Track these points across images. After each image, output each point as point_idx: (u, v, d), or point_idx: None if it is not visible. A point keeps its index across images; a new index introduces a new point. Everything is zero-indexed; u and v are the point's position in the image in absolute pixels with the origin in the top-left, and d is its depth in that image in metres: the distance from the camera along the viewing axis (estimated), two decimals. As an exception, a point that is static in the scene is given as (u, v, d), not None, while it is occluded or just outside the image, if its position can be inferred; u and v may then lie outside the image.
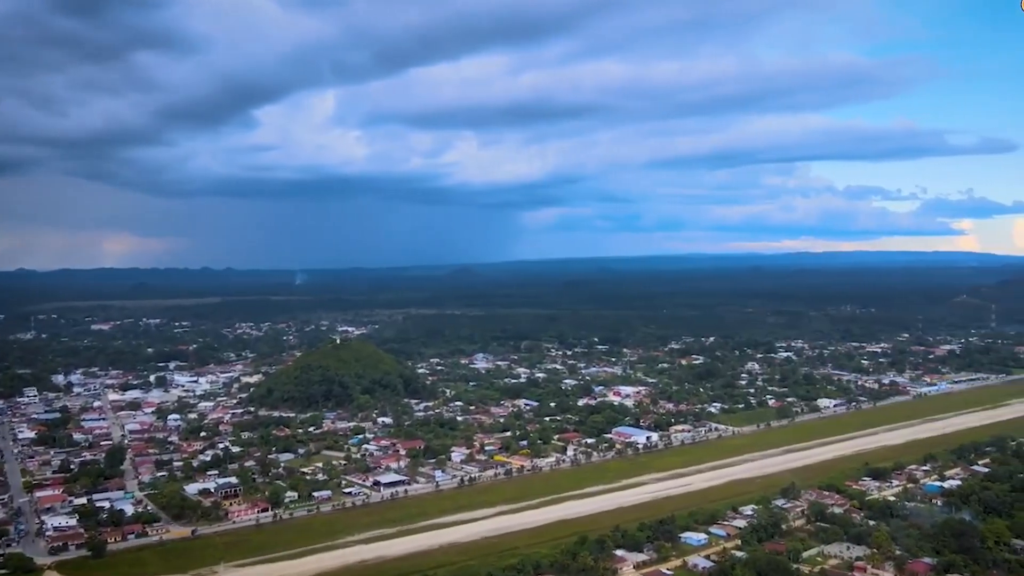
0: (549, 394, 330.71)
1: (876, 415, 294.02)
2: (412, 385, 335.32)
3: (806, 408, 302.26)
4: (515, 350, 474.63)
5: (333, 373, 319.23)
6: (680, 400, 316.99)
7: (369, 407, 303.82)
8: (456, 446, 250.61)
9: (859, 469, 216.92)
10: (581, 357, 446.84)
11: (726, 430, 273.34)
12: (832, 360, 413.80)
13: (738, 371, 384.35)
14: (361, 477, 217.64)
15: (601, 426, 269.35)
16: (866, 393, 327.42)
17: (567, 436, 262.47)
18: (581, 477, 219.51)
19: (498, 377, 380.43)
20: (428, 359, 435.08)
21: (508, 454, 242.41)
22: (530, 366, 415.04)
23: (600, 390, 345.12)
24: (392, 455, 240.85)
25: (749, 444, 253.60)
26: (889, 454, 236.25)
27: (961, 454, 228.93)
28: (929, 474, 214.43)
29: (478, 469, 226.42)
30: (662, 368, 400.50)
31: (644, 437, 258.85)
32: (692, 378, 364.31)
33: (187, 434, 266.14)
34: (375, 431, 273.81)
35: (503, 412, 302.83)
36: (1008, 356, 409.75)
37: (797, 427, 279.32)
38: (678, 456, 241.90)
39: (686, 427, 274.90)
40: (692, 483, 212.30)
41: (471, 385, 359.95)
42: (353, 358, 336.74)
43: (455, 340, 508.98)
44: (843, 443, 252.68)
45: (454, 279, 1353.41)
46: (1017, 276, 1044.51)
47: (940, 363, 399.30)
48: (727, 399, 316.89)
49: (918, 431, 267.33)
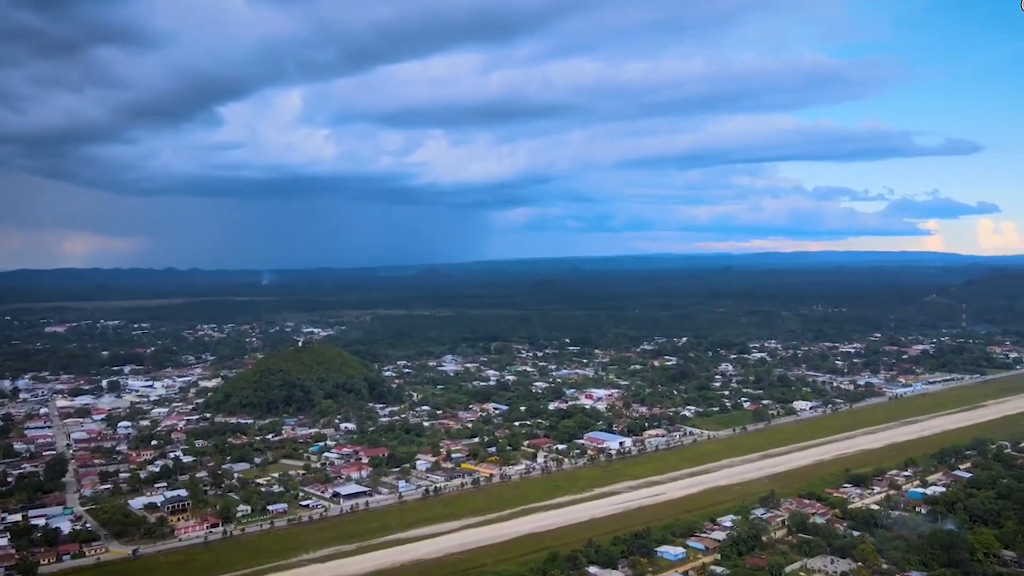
0: (519, 398, 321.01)
1: (853, 417, 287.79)
2: (377, 389, 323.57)
3: (782, 411, 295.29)
4: (485, 352, 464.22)
5: (294, 377, 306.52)
6: (653, 403, 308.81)
7: (332, 412, 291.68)
8: (422, 453, 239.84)
9: (839, 475, 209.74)
10: (552, 359, 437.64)
11: (701, 434, 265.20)
12: (806, 361, 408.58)
13: (712, 372, 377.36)
14: (320, 488, 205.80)
15: (572, 431, 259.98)
16: (842, 395, 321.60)
17: (537, 442, 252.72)
18: (552, 486, 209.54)
19: (467, 380, 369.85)
20: (395, 361, 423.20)
21: (476, 462, 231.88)
22: (500, 368, 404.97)
23: (571, 393, 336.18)
24: (354, 464, 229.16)
25: (725, 449, 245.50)
26: (869, 459, 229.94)
27: (942, 459, 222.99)
28: (911, 480, 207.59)
29: (444, 478, 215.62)
30: (634, 370, 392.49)
31: (617, 443, 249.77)
32: (665, 380, 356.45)
33: (137, 443, 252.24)
34: (337, 438, 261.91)
35: (471, 417, 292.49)
36: (981, 356, 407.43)
37: (774, 431, 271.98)
38: (652, 462, 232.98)
39: (660, 432, 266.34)
40: (667, 492, 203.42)
41: (439, 388, 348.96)
42: (316, 361, 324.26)
43: (423, 342, 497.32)
44: (821, 447, 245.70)
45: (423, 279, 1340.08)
46: (983, 276, 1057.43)
47: (914, 363, 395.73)
48: (701, 402, 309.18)
49: (896, 434, 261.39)
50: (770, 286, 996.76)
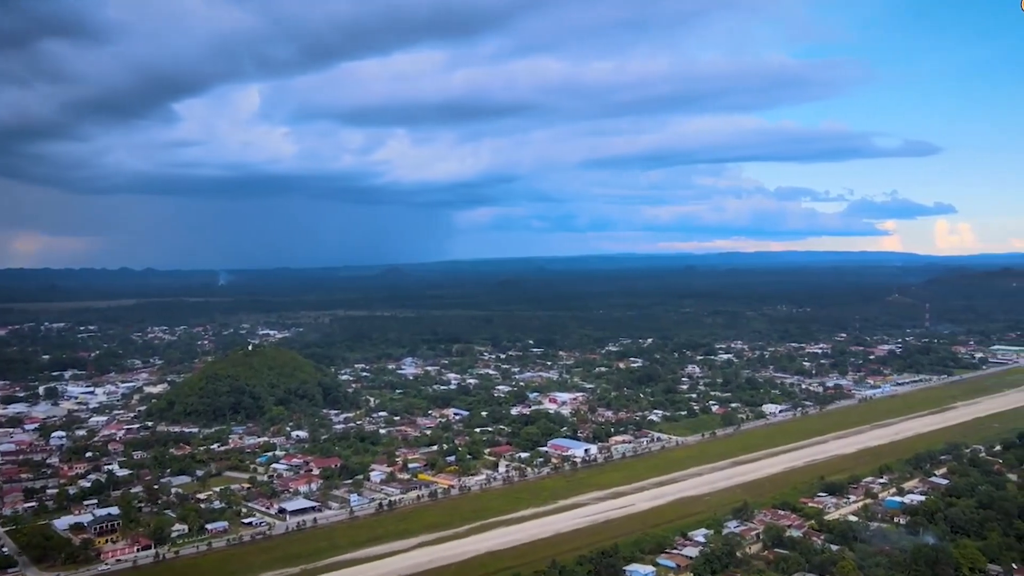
0: (480, 402, 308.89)
1: (823, 421, 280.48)
2: (332, 394, 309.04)
3: (751, 414, 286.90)
4: (446, 354, 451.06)
5: (243, 383, 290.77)
6: (619, 407, 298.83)
7: (283, 420, 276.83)
8: (377, 463, 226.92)
9: (813, 483, 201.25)
10: (515, 361, 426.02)
11: (669, 440, 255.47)
12: (773, 362, 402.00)
13: (678, 374, 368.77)
14: (265, 503, 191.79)
15: (536, 438, 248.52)
16: (811, 397, 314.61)
17: (499, 450, 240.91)
18: (514, 498, 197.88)
19: (427, 384, 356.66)
20: (352, 364, 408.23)
21: (434, 472, 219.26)
22: (461, 371, 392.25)
23: (535, 397, 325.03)
24: (304, 476, 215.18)
25: (695, 456, 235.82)
26: (842, 464, 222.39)
27: (917, 464, 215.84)
28: (887, 487, 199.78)
29: (399, 490, 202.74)
30: (599, 372, 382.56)
31: (582, 450, 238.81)
32: (631, 383, 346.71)
33: (69, 455, 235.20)
34: (287, 447, 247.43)
35: (430, 423, 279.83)
36: (947, 356, 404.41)
37: (743, 436, 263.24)
38: (619, 471, 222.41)
39: (627, 438, 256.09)
40: (635, 503, 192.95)
41: (397, 393, 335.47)
42: (266, 366, 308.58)
43: (383, 344, 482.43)
44: (793, 453, 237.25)
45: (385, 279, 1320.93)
46: (941, 275, 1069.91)
47: (881, 364, 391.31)
48: (668, 405, 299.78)
49: (868, 438, 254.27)
50: (734, 286, 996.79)
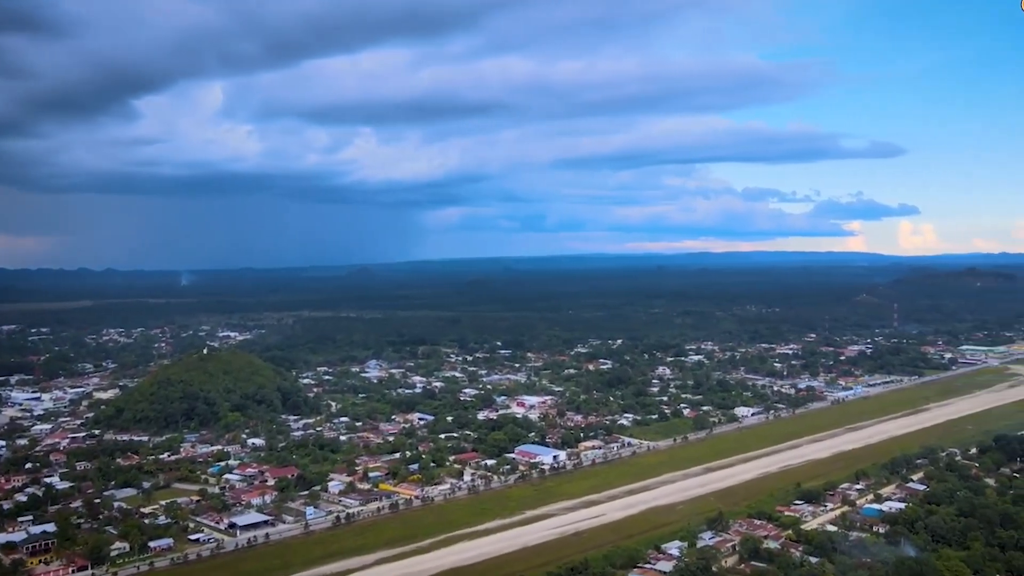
0: (446, 406, 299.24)
1: (796, 424, 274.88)
2: (291, 399, 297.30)
3: (723, 418, 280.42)
4: (412, 356, 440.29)
5: (197, 388, 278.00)
6: (589, 411, 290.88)
7: (238, 427, 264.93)
8: (336, 472, 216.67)
9: (789, 491, 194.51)
10: (482, 363, 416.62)
11: (640, 445, 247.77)
12: (744, 363, 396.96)
13: (649, 376, 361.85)
14: (214, 518, 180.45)
15: (503, 444, 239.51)
16: (783, 399, 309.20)
17: (464, 457, 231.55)
18: (479, 509, 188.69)
19: (391, 387, 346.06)
20: (315, 367, 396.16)
21: (396, 481, 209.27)
22: (427, 374, 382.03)
23: (502, 400, 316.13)
24: (257, 487, 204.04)
25: (666, 462, 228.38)
26: (817, 470, 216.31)
27: (893, 469, 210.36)
28: (864, 493, 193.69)
29: (359, 502, 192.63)
30: (568, 374, 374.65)
31: (551, 456, 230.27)
32: (601, 385, 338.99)
33: (8, 466, 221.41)
34: (242, 456, 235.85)
35: (394, 429, 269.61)
36: (917, 357, 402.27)
37: (716, 440, 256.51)
38: (589, 479, 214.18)
39: (596, 443, 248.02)
40: (606, 513, 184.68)
41: (360, 397, 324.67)
42: (222, 370, 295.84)
43: (347, 346, 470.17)
44: (767, 458, 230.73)
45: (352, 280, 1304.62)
46: (906, 275, 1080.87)
47: (852, 364, 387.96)
48: (639, 409, 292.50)
49: (843, 442, 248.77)
50: (703, 286, 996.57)
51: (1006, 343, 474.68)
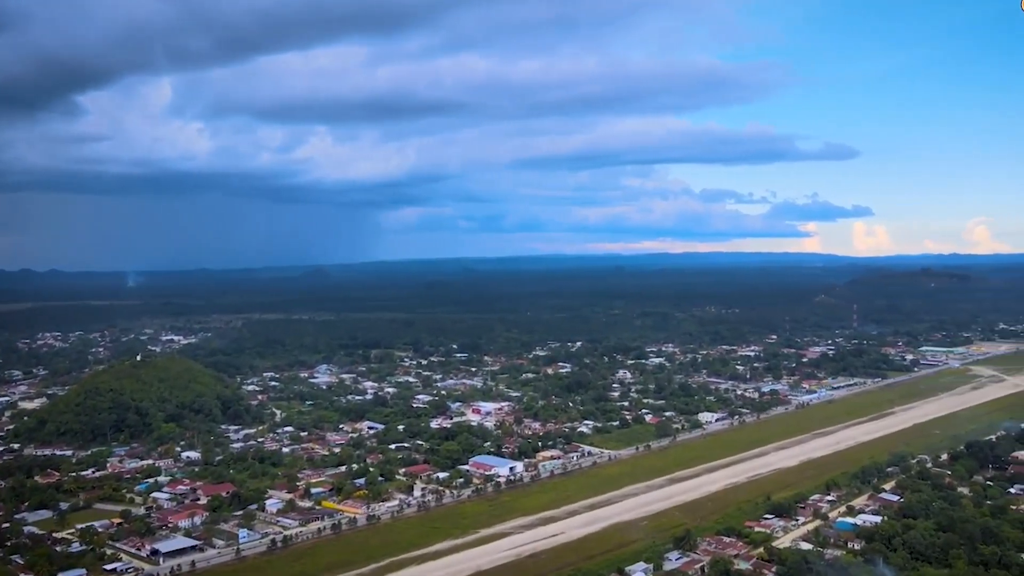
0: (397, 414, 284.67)
1: (762, 430, 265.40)
2: (232, 408, 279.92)
3: (686, 424, 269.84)
4: (364, 360, 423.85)
5: (128, 397, 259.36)
6: (547, 418, 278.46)
7: (173, 439, 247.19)
8: (276, 489, 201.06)
9: (758, 504, 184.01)
10: (437, 367, 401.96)
11: (601, 454, 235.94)
12: (706, 366, 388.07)
13: (609, 381, 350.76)
14: (136, 543, 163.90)
15: (456, 455, 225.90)
16: (747, 404, 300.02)
17: (415, 469, 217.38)
18: (429, 527, 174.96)
19: (341, 394, 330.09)
20: (261, 373, 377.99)
21: (340, 498, 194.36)
22: (379, 379, 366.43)
23: (457, 407, 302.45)
24: (187, 507, 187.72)
25: (628, 472, 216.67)
26: (786, 479, 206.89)
27: (864, 478, 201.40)
28: (835, 505, 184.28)
29: (298, 522, 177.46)
30: (526, 379, 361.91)
31: (507, 468, 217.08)
32: (560, 390, 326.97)
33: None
34: (174, 472, 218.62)
35: (341, 439, 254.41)
36: (879, 359, 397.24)
37: (680, 448, 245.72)
38: (547, 492, 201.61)
39: (555, 453, 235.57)
40: (566, 530, 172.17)
41: (307, 405, 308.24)
42: (157, 377, 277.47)
43: (296, 350, 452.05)
44: (733, 467, 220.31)
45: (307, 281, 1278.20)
46: (862, 276, 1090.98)
47: (814, 367, 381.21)
48: (599, 415, 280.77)
49: (810, 448, 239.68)
50: (662, 287, 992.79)
51: (965, 344, 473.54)
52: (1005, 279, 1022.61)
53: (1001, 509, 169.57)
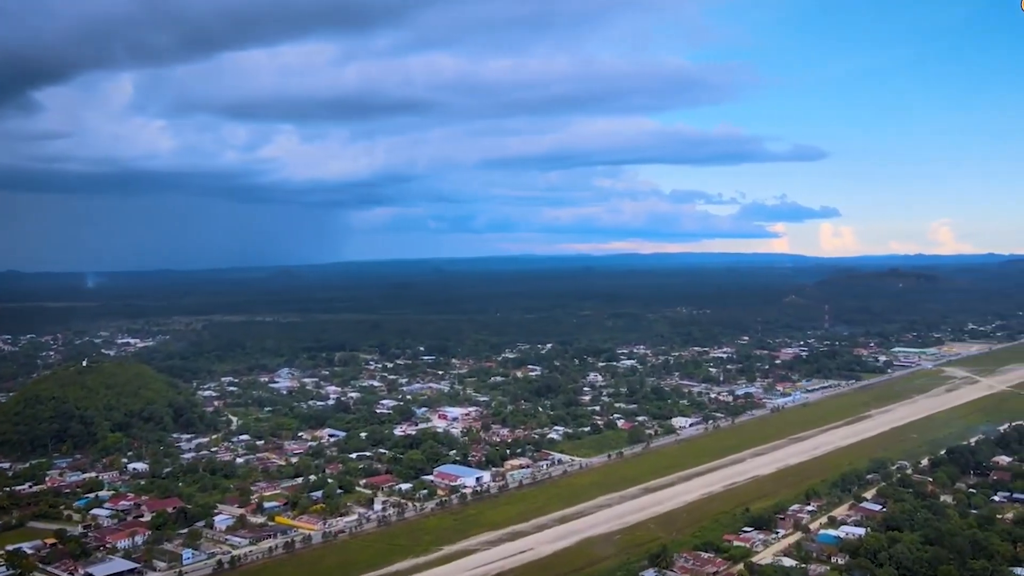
0: (360, 421, 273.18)
1: (737, 435, 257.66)
2: (185, 415, 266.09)
3: (660, 429, 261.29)
4: (328, 363, 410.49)
5: (72, 405, 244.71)
6: (516, 424, 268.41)
7: (120, 449, 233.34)
8: (227, 503, 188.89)
9: (737, 515, 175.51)
10: (404, 370, 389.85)
11: (572, 462, 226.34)
12: (678, 368, 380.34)
13: (580, 384, 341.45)
14: (69, 566, 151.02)
15: (420, 465, 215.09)
16: (721, 407, 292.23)
17: (377, 480, 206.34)
18: (389, 545, 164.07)
19: (302, 399, 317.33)
20: (219, 378, 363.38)
21: (295, 513, 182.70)
22: (343, 384, 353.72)
23: (423, 412, 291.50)
24: (130, 524, 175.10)
25: (600, 482, 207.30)
26: (764, 488, 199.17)
27: (844, 486, 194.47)
28: (816, 516, 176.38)
29: (249, 540, 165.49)
30: (495, 382, 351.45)
31: (473, 478, 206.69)
32: (529, 394, 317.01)
33: None
34: (119, 485, 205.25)
35: (300, 448, 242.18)
36: (852, 360, 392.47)
37: (653, 454, 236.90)
38: (515, 504, 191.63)
39: (524, 461, 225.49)
40: (535, 546, 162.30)
41: (266, 411, 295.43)
42: (104, 384, 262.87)
43: (257, 353, 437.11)
44: (709, 475, 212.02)
45: (274, 282, 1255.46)
46: (831, 276, 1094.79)
47: (788, 369, 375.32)
48: (570, 420, 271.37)
49: (787, 455, 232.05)
50: (632, 287, 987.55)
51: (936, 344, 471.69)
52: (970, 279, 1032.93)
53: (988, 519, 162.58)
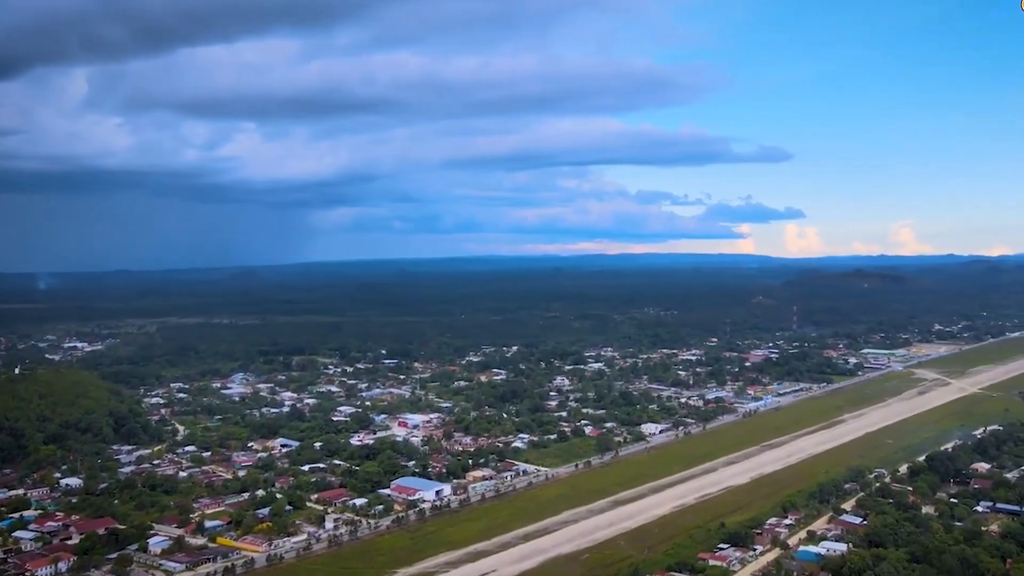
0: (315, 429, 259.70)
1: (708, 442, 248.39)
2: (127, 425, 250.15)
3: (629, 436, 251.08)
4: (285, 368, 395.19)
5: (1, 417, 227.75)
6: (480, 431, 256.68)
7: (54, 463, 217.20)
8: (164, 522, 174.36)
9: (711, 530, 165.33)
10: (364, 375, 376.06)
11: (537, 473, 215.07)
12: (647, 371, 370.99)
13: (546, 388, 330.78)
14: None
15: (377, 478, 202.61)
16: (692, 413, 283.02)
17: (330, 494, 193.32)
18: (338, 569, 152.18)
19: (255, 406, 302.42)
20: (169, 384, 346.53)
21: (239, 533, 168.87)
22: (299, 389, 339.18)
23: (382, 420, 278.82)
24: (54, 548, 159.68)
25: (567, 495, 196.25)
26: (739, 499, 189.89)
27: (822, 497, 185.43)
28: (794, 530, 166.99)
29: (185, 565, 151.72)
30: (458, 387, 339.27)
31: (433, 492, 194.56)
32: (494, 399, 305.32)
33: None
34: (47, 503, 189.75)
35: (249, 460, 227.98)
36: (823, 362, 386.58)
37: (622, 464, 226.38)
38: (477, 519, 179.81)
39: (487, 472, 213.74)
40: (497, 567, 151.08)
41: (216, 420, 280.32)
42: (38, 393, 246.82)
43: (212, 357, 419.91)
44: (681, 486, 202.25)
45: (235, 282, 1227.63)
46: (796, 276, 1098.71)
47: (758, 371, 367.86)
48: (536, 427, 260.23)
49: (761, 463, 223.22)
50: (599, 288, 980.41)
51: (904, 345, 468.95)
52: (933, 280, 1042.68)
53: (975, 534, 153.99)
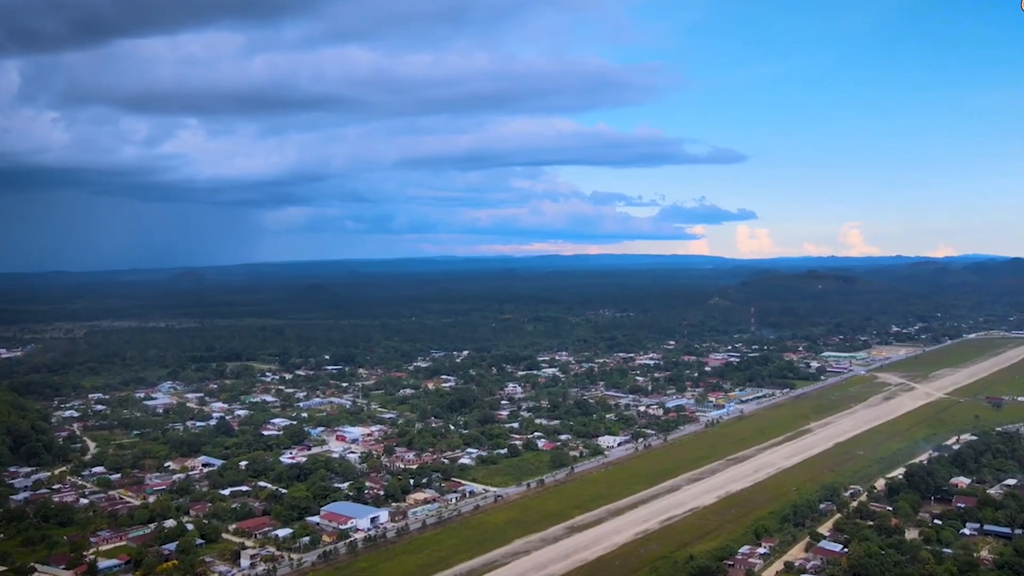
0: (243, 445, 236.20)
1: (670, 456, 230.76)
2: (28, 444, 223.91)
3: (585, 450, 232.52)
4: (219, 376, 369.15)
5: None
6: (424, 446, 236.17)
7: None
8: (51, 562, 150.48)
9: (678, 564, 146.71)
10: (303, 383, 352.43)
11: (485, 494, 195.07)
12: (604, 377, 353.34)
13: (497, 397, 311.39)
14: None
15: (306, 503, 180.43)
16: (652, 423, 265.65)
17: (250, 524, 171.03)
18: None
19: (180, 419, 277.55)
20: (87, 394, 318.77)
21: (138, 574, 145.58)
22: (232, 399, 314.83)
23: (319, 433, 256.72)
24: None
25: (518, 520, 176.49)
26: (705, 523, 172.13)
27: (797, 520, 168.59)
28: (769, 560, 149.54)
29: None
30: (404, 395, 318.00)
31: (368, 519, 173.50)
32: (441, 409, 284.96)
33: None
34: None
35: (164, 483, 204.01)
36: (784, 366, 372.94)
37: (578, 481, 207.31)
38: (416, 552, 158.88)
39: (430, 494, 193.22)
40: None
41: (133, 435, 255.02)
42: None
43: (139, 364, 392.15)
44: (642, 508, 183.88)
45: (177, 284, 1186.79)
46: (750, 277, 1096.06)
47: (719, 377, 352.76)
48: (485, 441, 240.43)
49: (727, 479, 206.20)
50: (554, 289, 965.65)
51: (864, 347, 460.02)
52: (884, 280, 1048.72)
53: (970, 564, 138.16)
